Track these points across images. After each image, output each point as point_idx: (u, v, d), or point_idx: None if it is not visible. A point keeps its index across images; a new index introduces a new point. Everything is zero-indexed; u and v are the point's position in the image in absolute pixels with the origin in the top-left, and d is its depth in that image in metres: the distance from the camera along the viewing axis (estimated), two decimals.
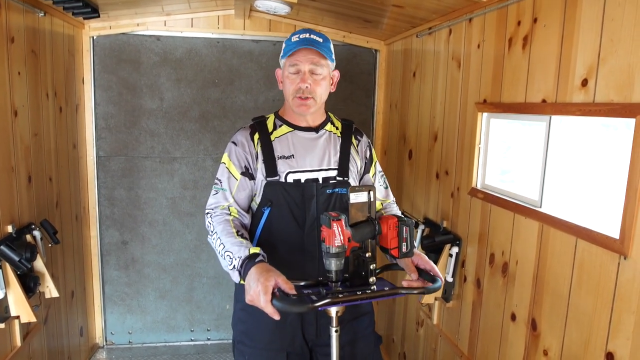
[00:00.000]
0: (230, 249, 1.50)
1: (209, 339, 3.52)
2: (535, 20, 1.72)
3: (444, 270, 2.31)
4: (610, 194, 1.49)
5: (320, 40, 1.68)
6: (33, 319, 2.07)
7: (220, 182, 1.71)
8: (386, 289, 1.46)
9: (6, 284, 2.00)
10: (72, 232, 2.89)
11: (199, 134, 3.28)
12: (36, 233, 2.25)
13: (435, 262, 2.32)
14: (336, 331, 1.43)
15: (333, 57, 1.72)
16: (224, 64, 3.23)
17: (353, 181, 1.77)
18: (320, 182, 1.71)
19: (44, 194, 2.47)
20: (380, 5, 2.49)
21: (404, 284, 1.53)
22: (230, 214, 1.67)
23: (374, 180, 1.86)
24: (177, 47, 3.17)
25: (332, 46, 1.72)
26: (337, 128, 1.82)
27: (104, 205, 3.24)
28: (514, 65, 1.84)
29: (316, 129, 1.77)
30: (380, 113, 3.46)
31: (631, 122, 1.32)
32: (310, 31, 1.69)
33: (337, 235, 1.35)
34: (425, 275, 1.54)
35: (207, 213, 1.69)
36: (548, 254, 1.65)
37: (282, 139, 1.73)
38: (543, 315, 1.67)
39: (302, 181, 1.69)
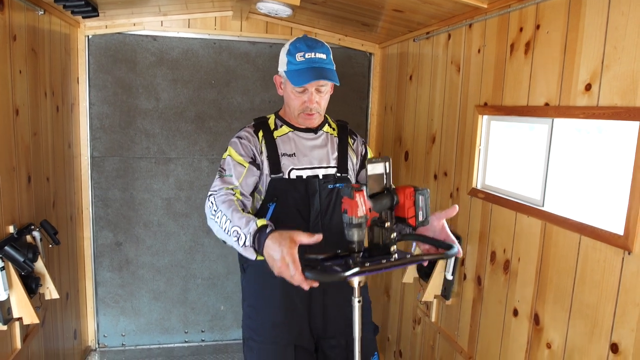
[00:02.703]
0: (237, 224, 1.45)
1: (203, 341, 3.51)
2: (537, 27, 1.80)
3: (443, 270, 2.38)
4: (612, 192, 1.57)
5: (324, 57, 1.71)
6: (36, 320, 2.04)
7: (225, 170, 1.71)
8: (408, 256, 1.45)
9: (9, 285, 1.98)
10: (67, 233, 2.86)
11: (195, 135, 3.28)
12: (36, 234, 2.22)
13: (435, 262, 2.39)
14: (359, 301, 1.44)
15: (334, 68, 1.75)
16: (220, 65, 3.24)
17: (351, 177, 1.87)
18: (321, 178, 1.78)
19: (42, 194, 2.44)
20: (380, 9, 2.55)
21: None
22: (234, 195, 1.64)
23: None
24: (174, 48, 3.16)
25: (331, 54, 1.76)
26: (333, 129, 1.93)
27: (98, 206, 3.20)
28: (516, 69, 1.91)
29: (315, 130, 1.86)
30: (374, 115, 3.51)
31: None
32: (313, 47, 1.69)
33: (359, 205, 1.34)
34: (441, 243, 1.51)
35: (210, 195, 1.63)
36: (551, 250, 1.72)
37: (284, 138, 1.81)
38: (546, 309, 1.74)
39: (304, 177, 1.76)
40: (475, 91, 2.20)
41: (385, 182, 1.44)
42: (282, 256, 1.26)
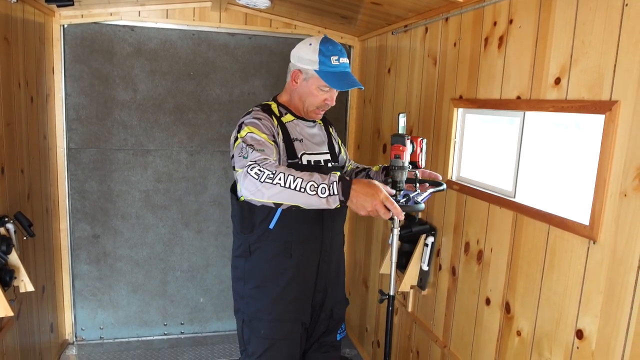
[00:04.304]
0: (312, 179, 1.51)
1: (182, 333, 3.51)
2: (511, 22, 1.83)
3: (419, 260, 2.41)
4: (580, 184, 1.61)
5: (348, 62, 1.91)
6: (10, 313, 2.02)
7: (254, 146, 1.64)
8: (429, 188, 1.82)
9: None
10: (42, 226, 2.82)
11: (174, 127, 3.25)
12: (9, 226, 2.19)
13: (411, 252, 2.43)
14: (399, 231, 1.80)
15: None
16: (199, 57, 3.22)
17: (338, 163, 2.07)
18: (322, 163, 1.91)
19: (16, 186, 2.40)
20: (359, 2, 2.55)
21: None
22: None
23: (345, 155, 2.19)
24: (152, 38, 3.13)
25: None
26: (320, 119, 2.07)
27: (75, 198, 3.16)
28: (490, 63, 1.95)
29: (312, 120, 1.98)
30: (353, 108, 3.53)
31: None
32: (344, 54, 1.88)
33: (408, 150, 1.64)
34: (436, 182, 1.87)
35: (252, 166, 1.54)
36: (522, 241, 1.76)
37: (291, 124, 1.90)
38: (517, 298, 1.79)
39: (312, 163, 1.87)
40: (451, 84, 2.23)
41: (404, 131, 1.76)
42: (376, 195, 1.48)
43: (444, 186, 1.82)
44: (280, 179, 1.51)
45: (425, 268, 2.38)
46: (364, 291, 3.34)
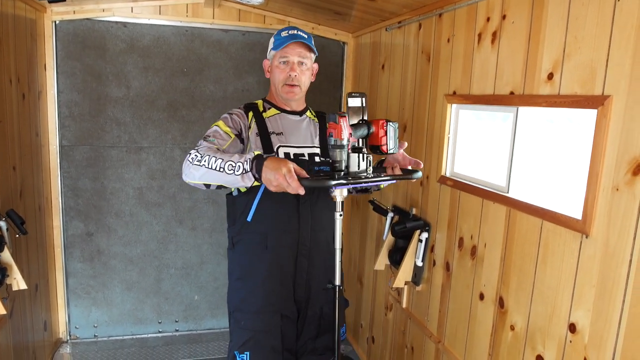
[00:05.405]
0: (231, 159, 1.59)
1: (177, 330, 3.50)
2: (504, 17, 1.83)
3: (413, 256, 2.42)
4: (573, 179, 1.62)
5: (306, 36, 1.93)
6: (3, 312, 2.01)
7: (209, 136, 1.79)
8: (383, 174, 1.73)
9: None
10: (35, 223, 2.80)
11: (167, 124, 3.24)
12: (1, 223, 2.18)
13: (406, 248, 2.43)
14: (340, 215, 1.68)
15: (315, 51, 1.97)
16: (192, 53, 3.21)
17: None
18: (307, 157, 1.91)
19: (8, 184, 2.38)
20: None
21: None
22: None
23: None
24: (145, 35, 3.11)
25: (312, 41, 1.95)
26: (314, 116, 2.08)
27: (68, 196, 3.15)
28: (483, 59, 1.95)
29: (299, 113, 2.01)
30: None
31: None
32: (296, 28, 1.95)
33: (343, 129, 1.55)
34: (410, 170, 1.79)
35: (191, 153, 1.68)
36: (515, 235, 1.77)
37: (272, 119, 1.95)
38: (510, 293, 1.80)
39: (291, 156, 1.88)
40: (444, 80, 2.24)
41: (362, 114, 1.69)
42: (279, 169, 1.47)
43: (417, 175, 1.72)
44: (205, 161, 1.62)
45: (420, 264, 2.39)
46: (358, 288, 3.34)
